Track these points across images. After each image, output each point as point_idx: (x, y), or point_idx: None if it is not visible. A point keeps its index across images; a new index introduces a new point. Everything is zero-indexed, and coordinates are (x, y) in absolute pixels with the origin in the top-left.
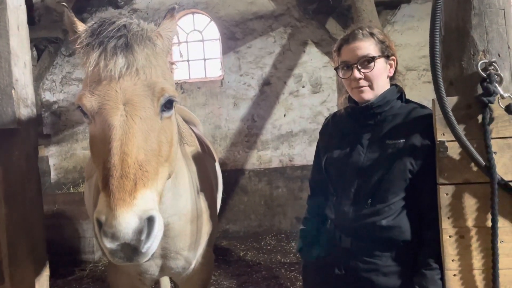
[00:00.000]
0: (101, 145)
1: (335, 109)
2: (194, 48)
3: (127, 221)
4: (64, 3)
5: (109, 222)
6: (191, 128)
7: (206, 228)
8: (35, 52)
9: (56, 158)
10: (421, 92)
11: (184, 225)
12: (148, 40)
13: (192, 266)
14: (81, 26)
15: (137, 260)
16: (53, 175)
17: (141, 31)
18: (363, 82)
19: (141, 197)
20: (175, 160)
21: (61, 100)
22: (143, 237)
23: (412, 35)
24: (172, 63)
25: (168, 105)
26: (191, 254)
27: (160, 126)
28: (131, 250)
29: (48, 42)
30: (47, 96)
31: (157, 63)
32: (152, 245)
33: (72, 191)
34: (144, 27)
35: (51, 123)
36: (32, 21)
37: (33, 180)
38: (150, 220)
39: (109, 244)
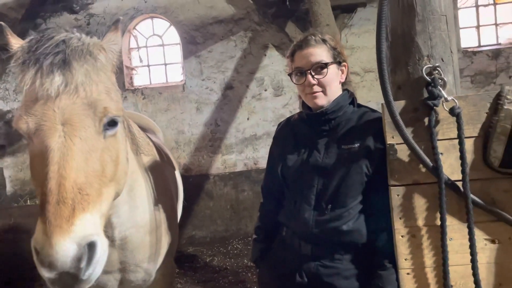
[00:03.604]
0: (39, 168)
1: (298, 111)
2: (154, 53)
3: (64, 249)
4: (2, 23)
5: (45, 251)
6: (148, 137)
7: (166, 238)
8: None
9: (11, 170)
10: (379, 93)
11: (142, 237)
12: (89, 55)
13: (153, 278)
14: (17, 43)
15: (79, 287)
16: (8, 187)
17: (82, 45)
18: (316, 88)
19: (80, 222)
20: (124, 178)
21: (15, 109)
22: (83, 264)
23: (368, 38)
24: (131, 68)
25: (112, 123)
26: (151, 265)
27: (103, 145)
28: (71, 278)
29: (0, 49)
30: (0, 105)
31: (99, 79)
32: (94, 271)
33: (29, 203)
34: (85, 41)
35: (5, 133)
36: None
37: None
38: (91, 246)
39: (47, 274)
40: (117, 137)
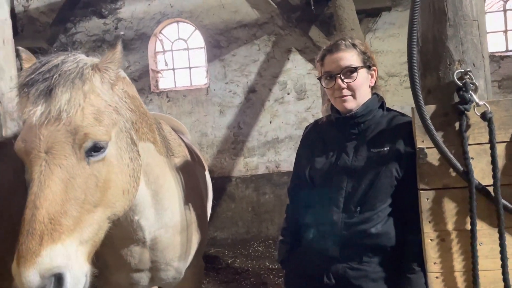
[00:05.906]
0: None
1: (320, 116)
2: (180, 57)
3: (28, 280)
4: (20, 47)
5: (17, 279)
6: (181, 138)
7: (195, 237)
8: (18, 63)
9: None
10: (403, 97)
11: (172, 237)
12: (79, 79)
13: (183, 275)
14: (27, 65)
15: None
16: None
17: (75, 68)
18: (346, 92)
19: (47, 254)
20: (123, 198)
21: None
22: None
23: (393, 42)
24: (157, 72)
25: (97, 148)
26: (181, 264)
27: (88, 172)
28: None
29: (32, 52)
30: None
31: (86, 103)
32: None
33: None
34: (80, 63)
35: None
36: (15, 31)
37: (21, 193)
38: (59, 278)
39: None
40: (106, 161)
